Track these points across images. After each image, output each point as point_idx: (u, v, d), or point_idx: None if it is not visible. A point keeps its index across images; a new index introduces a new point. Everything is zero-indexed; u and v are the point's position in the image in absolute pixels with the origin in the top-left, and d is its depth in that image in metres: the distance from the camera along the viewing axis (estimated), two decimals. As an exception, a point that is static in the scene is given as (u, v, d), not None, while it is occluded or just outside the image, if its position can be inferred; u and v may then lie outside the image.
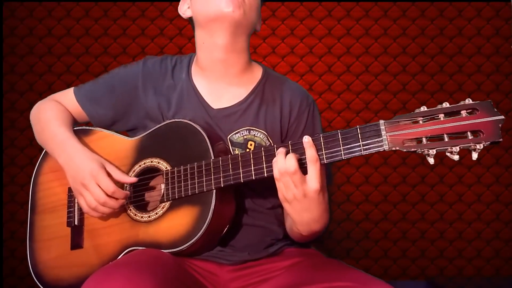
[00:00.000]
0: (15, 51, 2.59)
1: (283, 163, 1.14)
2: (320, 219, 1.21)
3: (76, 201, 1.40)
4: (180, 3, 1.43)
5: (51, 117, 1.46)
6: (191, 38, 2.59)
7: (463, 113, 1.05)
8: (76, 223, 1.39)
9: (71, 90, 1.51)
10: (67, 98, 1.50)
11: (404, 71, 2.61)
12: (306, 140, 1.14)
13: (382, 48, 2.61)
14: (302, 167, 1.15)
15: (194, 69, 1.43)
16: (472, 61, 2.61)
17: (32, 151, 2.54)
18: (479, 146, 1.03)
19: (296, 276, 1.25)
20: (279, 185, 1.16)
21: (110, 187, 1.29)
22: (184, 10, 1.42)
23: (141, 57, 1.45)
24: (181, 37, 2.60)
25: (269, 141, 1.37)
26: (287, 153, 1.16)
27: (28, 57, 2.59)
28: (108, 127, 1.47)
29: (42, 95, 2.53)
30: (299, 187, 1.14)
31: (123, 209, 1.34)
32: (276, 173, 1.15)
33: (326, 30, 2.61)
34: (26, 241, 1.45)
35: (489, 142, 1.03)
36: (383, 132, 1.09)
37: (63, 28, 2.59)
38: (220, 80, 1.40)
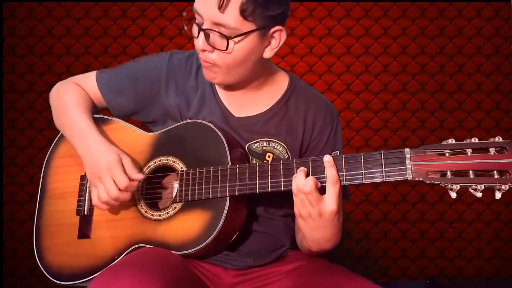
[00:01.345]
0: (15, 51, 2.58)
1: (301, 181, 1.12)
2: (331, 238, 1.20)
3: (87, 191, 1.39)
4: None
5: (71, 102, 1.42)
6: (191, 38, 2.59)
7: (492, 150, 1.03)
8: (85, 213, 1.38)
9: (93, 75, 1.47)
10: (89, 83, 1.47)
11: (404, 71, 2.61)
12: (328, 159, 1.12)
13: (382, 48, 2.61)
14: (321, 185, 1.14)
15: None
16: (472, 61, 2.60)
17: (32, 151, 2.53)
18: (505, 187, 1.01)
19: (298, 280, 1.25)
20: (296, 200, 1.15)
21: (124, 182, 1.26)
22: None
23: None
24: (181, 37, 2.60)
25: (288, 154, 1.34)
26: (307, 173, 1.15)
27: (28, 57, 2.59)
28: (128, 117, 1.45)
29: (42, 95, 2.55)
30: (315, 207, 1.12)
31: (133, 204, 1.33)
32: (294, 189, 1.14)
33: (326, 30, 2.61)
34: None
35: None
36: (408, 161, 1.07)
37: (63, 28, 2.59)
38: (244, 90, 1.36)
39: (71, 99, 1.43)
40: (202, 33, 1.22)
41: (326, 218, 1.14)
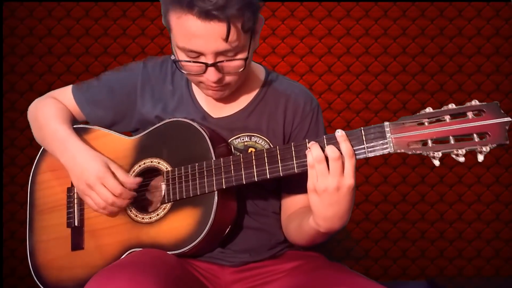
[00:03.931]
0: (15, 51, 2.58)
1: (320, 151, 1.09)
2: (344, 215, 1.17)
3: (76, 202, 1.39)
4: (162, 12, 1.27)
5: (50, 115, 1.42)
6: (191, 38, 2.59)
7: (469, 114, 1.03)
8: (76, 224, 1.38)
9: (69, 89, 1.47)
10: (66, 96, 1.47)
11: (404, 71, 2.61)
12: (340, 134, 1.09)
13: (382, 48, 2.61)
14: (302, 170, 1.13)
15: None
16: (472, 61, 2.60)
17: (32, 151, 2.53)
18: (486, 149, 1.01)
19: (297, 279, 1.24)
20: (311, 172, 1.11)
21: (118, 188, 1.27)
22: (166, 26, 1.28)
23: (141, 57, 1.44)
24: (181, 37, 2.60)
25: (270, 147, 1.33)
26: (292, 158, 1.14)
27: (28, 57, 2.58)
28: (107, 127, 1.45)
29: (42, 95, 2.55)
30: (336, 177, 1.09)
31: (123, 210, 1.33)
32: (310, 160, 1.10)
33: (326, 30, 2.61)
34: (26, 241, 1.45)
35: (495, 145, 1.01)
36: (388, 134, 1.07)
37: (63, 28, 2.59)
38: None
39: (50, 112, 1.43)
40: (210, 68, 1.19)
41: (344, 192, 1.10)
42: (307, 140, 1.14)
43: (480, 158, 1.02)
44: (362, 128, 1.10)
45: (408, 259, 2.59)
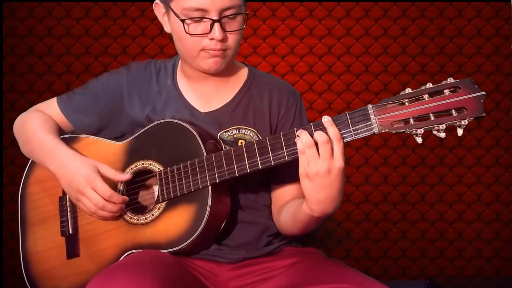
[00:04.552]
0: (15, 51, 2.58)
1: (308, 137, 1.14)
2: (336, 198, 1.19)
3: (69, 210, 1.39)
4: (155, 6, 1.37)
5: (37, 126, 1.44)
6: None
7: (446, 92, 1.10)
8: (70, 232, 1.38)
9: (54, 100, 1.50)
10: (51, 108, 1.49)
11: (404, 71, 2.61)
12: (326, 119, 1.14)
13: (382, 48, 2.61)
14: (293, 157, 1.17)
15: (179, 74, 1.43)
16: (472, 61, 2.60)
17: (32, 151, 2.53)
18: (464, 122, 1.08)
19: (295, 276, 1.25)
20: (302, 158, 1.15)
21: (107, 192, 1.28)
22: (161, 19, 1.39)
23: (141, 57, 1.45)
24: (181, 37, 2.60)
25: (259, 138, 1.37)
26: (282, 147, 1.18)
27: (28, 57, 2.58)
28: (94, 134, 1.45)
29: (42, 95, 2.56)
30: (326, 161, 1.13)
31: (118, 214, 1.34)
32: (300, 146, 1.14)
33: (326, 30, 2.61)
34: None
35: (472, 118, 1.08)
36: (372, 116, 1.12)
37: (63, 28, 2.59)
38: (206, 84, 1.39)
39: (36, 124, 1.45)
40: (216, 25, 1.26)
41: (334, 175, 1.14)
42: (295, 129, 1.18)
43: (460, 131, 1.08)
44: (347, 112, 1.15)
45: (408, 259, 2.60)
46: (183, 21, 1.27)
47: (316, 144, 1.13)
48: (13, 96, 2.58)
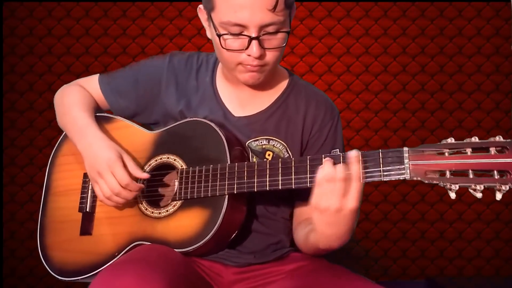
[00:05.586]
0: (15, 51, 2.58)
1: (331, 170, 1.07)
2: (343, 236, 1.15)
3: (90, 188, 1.40)
4: (199, 11, 1.31)
5: (74, 102, 1.44)
6: (191, 38, 2.59)
7: (492, 150, 1.00)
8: (87, 210, 1.39)
9: (96, 78, 1.50)
10: (92, 85, 1.49)
11: (404, 71, 2.61)
12: (354, 154, 1.08)
13: (382, 48, 2.61)
14: (310, 186, 1.12)
15: (218, 73, 1.41)
16: (472, 61, 2.60)
17: (32, 151, 2.53)
18: (505, 187, 0.98)
19: (299, 281, 1.24)
20: (317, 191, 1.10)
21: (125, 179, 1.28)
22: (204, 24, 1.32)
23: (141, 57, 1.45)
24: (181, 37, 2.60)
25: (288, 152, 1.34)
26: (306, 171, 1.14)
27: (28, 57, 2.59)
28: (130, 118, 1.46)
29: (42, 95, 2.56)
30: (338, 199, 1.07)
31: (134, 202, 1.34)
32: (319, 178, 1.09)
33: (326, 30, 2.61)
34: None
35: None
36: (406, 160, 1.05)
37: (63, 28, 2.59)
38: (244, 89, 1.36)
39: (74, 99, 1.45)
40: (254, 42, 1.19)
41: (344, 214, 1.09)
42: (323, 156, 1.13)
43: (498, 196, 0.99)
44: (380, 150, 1.08)
45: (408, 259, 2.60)
46: (219, 36, 1.21)
47: None
48: (13, 96, 2.58)
